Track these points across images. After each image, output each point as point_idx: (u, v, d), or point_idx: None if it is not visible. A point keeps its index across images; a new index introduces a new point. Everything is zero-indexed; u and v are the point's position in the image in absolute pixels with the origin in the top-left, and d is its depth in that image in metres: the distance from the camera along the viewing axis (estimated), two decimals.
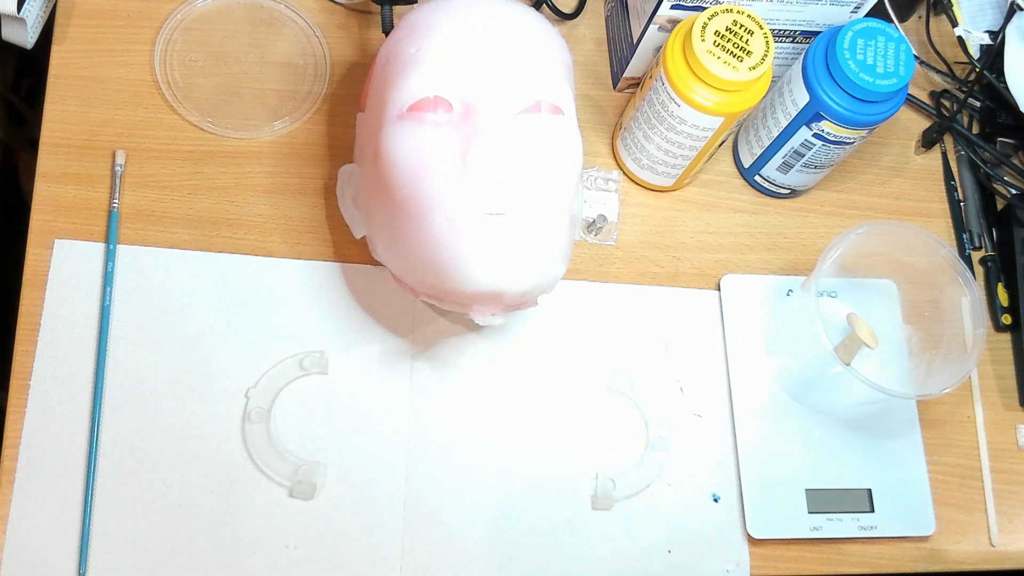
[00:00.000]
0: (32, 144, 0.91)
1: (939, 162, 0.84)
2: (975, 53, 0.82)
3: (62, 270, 0.67)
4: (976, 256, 0.81)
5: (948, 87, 0.85)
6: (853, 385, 0.65)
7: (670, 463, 0.70)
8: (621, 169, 0.78)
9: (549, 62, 0.61)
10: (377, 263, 0.69)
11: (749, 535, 0.69)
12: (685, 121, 0.68)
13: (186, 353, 0.67)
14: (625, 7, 0.76)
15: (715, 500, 0.70)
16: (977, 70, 0.81)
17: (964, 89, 0.82)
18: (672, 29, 0.68)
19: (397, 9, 0.74)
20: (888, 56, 0.67)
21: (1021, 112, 0.78)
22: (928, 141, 0.83)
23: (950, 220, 0.82)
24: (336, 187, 0.70)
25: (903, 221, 0.80)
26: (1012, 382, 0.78)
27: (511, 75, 0.59)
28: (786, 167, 0.75)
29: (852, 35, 0.67)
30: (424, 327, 0.71)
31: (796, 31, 0.72)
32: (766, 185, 0.78)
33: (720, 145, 0.72)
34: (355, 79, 0.76)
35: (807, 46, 0.72)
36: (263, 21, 0.76)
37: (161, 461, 0.65)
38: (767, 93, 0.69)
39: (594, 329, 0.73)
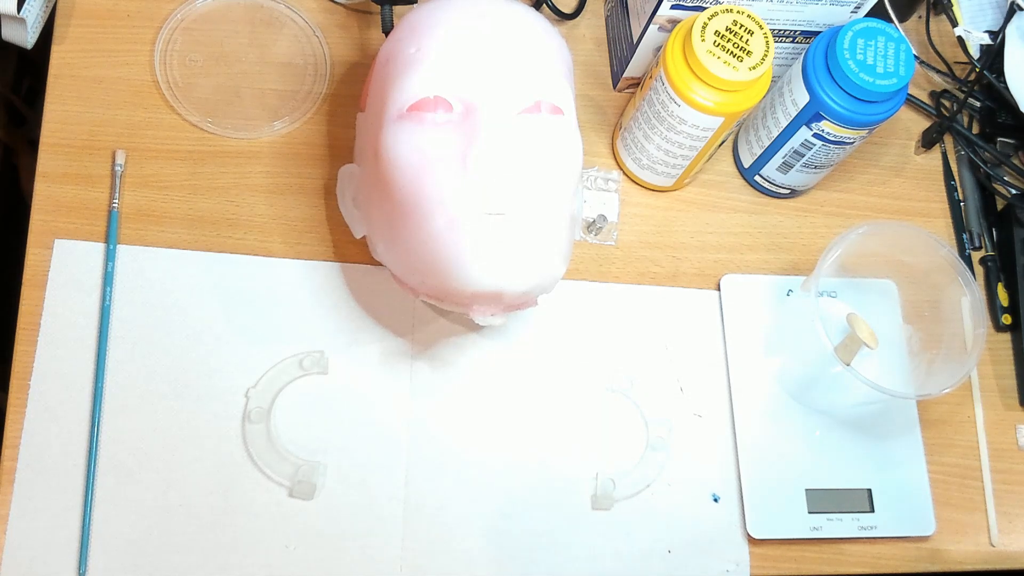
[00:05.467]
0: (32, 144, 0.91)
1: (939, 162, 0.84)
2: (975, 53, 0.82)
3: (62, 270, 0.67)
4: (976, 256, 0.81)
5: (948, 87, 0.85)
6: (853, 385, 0.65)
7: (670, 463, 0.70)
8: (621, 169, 0.78)
9: (549, 62, 0.61)
10: (377, 263, 0.69)
11: (749, 535, 0.69)
12: (685, 121, 0.68)
13: (186, 353, 0.67)
14: (625, 7, 0.76)
15: (715, 500, 0.70)
16: (977, 70, 0.81)
17: (964, 89, 0.82)
18: (672, 29, 0.68)
19: (397, 9, 0.74)
20: (888, 56, 0.67)
21: (1021, 112, 0.78)
22: (928, 141, 0.83)
23: (950, 220, 0.82)
24: (336, 187, 0.70)
25: (903, 221, 0.80)
26: (1012, 382, 0.78)
27: (511, 75, 0.59)
28: (786, 167, 0.75)
29: (852, 35, 0.67)
30: (424, 327, 0.70)
31: (796, 31, 0.72)
32: (766, 185, 0.78)
33: (720, 145, 0.72)
34: (355, 79, 0.76)
35: (807, 46, 0.72)
36: (263, 21, 0.76)
37: (161, 461, 0.65)
38: (767, 93, 0.69)
39: (594, 329, 0.73)
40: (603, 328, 0.73)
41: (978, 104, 0.83)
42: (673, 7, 0.68)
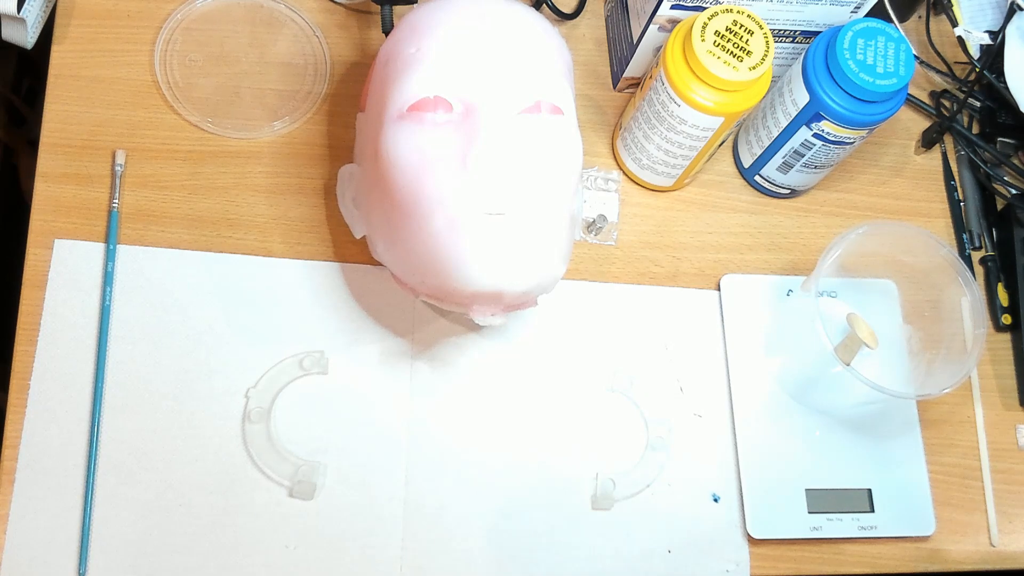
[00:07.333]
0: (32, 144, 0.91)
1: (939, 162, 0.84)
2: (975, 53, 0.82)
3: (62, 270, 0.67)
4: (976, 256, 0.81)
5: (948, 87, 0.85)
6: (853, 385, 0.65)
7: (670, 463, 0.70)
8: (621, 169, 0.78)
9: (549, 62, 0.61)
10: (377, 263, 0.70)
11: (749, 535, 0.69)
12: (685, 121, 0.68)
13: (186, 353, 0.67)
14: (625, 7, 0.76)
15: (715, 500, 0.70)
16: (977, 70, 0.81)
17: (964, 89, 0.82)
18: (672, 29, 0.68)
19: (397, 9, 0.74)
20: (888, 56, 0.67)
21: (1021, 112, 0.78)
22: (928, 141, 0.83)
23: (950, 220, 0.82)
24: (336, 187, 0.70)
25: (903, 221, 0.80)
26: (1012, 382, 0.78)
27: (511, 75, 0.59)
28: (786, 167, 0.75)
29: (852, 35, 0.67)
30: (424, 327, 0.71)
31: (796, 31, 0.72)
32: (766, 185, 0.78)
33: (720, 145, 0.72)
34: (355, 79, 0.76)
35: (807, 46, 0.72)
36: (263, 21, 0.76)
37: (161, 461, 0.65)
38: (767, 93, 0.69)
39: (594, 329, 0.73)
40: (603, 328, 0.73)
41: (978, 104, 0.83)
42: (673, 7, 0.68)
